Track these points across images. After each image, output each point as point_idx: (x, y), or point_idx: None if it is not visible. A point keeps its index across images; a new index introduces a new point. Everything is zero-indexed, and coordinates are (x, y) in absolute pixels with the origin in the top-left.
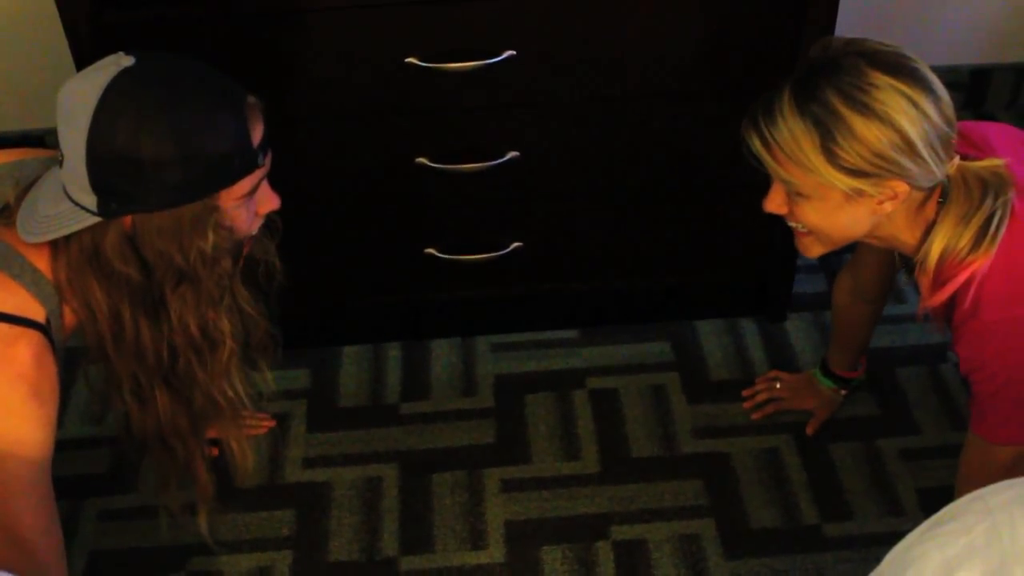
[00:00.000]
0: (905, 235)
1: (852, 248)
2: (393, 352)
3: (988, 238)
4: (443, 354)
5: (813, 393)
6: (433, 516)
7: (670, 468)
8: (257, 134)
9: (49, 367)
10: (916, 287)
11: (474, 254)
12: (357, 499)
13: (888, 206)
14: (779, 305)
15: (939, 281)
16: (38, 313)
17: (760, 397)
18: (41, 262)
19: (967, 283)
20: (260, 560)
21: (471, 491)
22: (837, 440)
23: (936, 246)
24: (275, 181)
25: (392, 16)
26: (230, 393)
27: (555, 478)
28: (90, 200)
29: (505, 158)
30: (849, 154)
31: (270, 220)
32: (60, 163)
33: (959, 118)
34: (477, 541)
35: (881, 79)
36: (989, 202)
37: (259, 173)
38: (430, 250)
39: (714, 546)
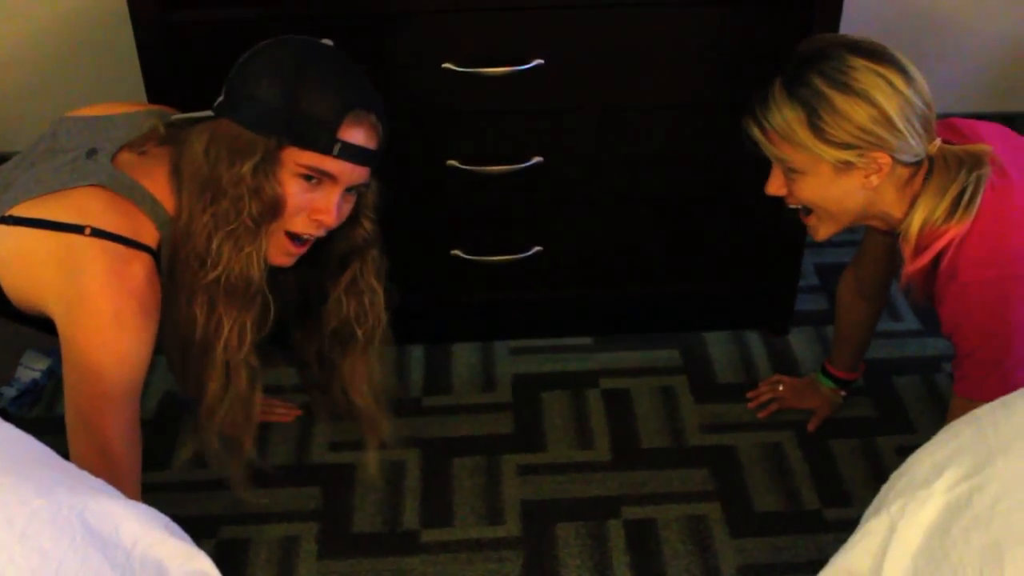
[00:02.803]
0: (894, 210)
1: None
2: (416, 353)
3: (962, 208)
4: (464, 355)
5: (814, 393)
6: (453, 495)
7: (679, 458)
8: (351, 134)
9: (156, 289)
10: (901, 256)
11: (497, 256)
12: (380, 479)
13: (875, 179)
14: (782, 318)
15: (920, 248)
16: (152, 239)
17: (763, 397)
18: (158, 191)
19: (945, 249)
20: (288, 530)
21: (489, 474)
22: (837, 437)
23: (917, 216)
24: None
25: (430, 24)
26: (195, 325)
27: (569, 464)
28: (217, 100)
29: (530, 162)
30: (834, 129)
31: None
32: None
33: None
34: (495, 517)
35: (859, 62)
36: (963, 176)
37: (327, 161)
38: (456, 251)
39: (720, 526)
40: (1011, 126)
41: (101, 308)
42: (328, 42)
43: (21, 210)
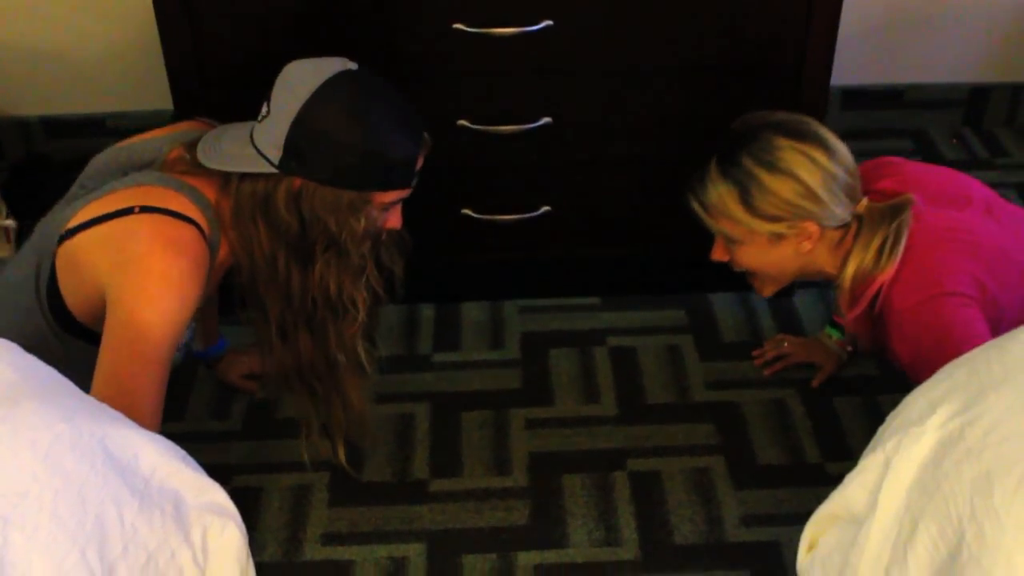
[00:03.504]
0: (829, 267)
1: None
2: (427, 312)
3: (885, 256)
4: (473, 313)
5: (820, 348)
6: (461, 447)
7: (683, 413)
8: (419, 162)
9: (204, 256)
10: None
11: (506, 215)
12: (391, 431)
13: (807, 245)
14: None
15: (854, 297)
16: (199, 219)
17: (769, 355)
18: (199, 185)
19: (877, 294)
20: (300, 479)
21: (497, 427)
22: (840, 394)
23: (848, 269)
24: None
25: None
26: (359, 358)
27: (576, 418)
28: (275, 154)
29: (539, 123)
30: (764, 204)
31: (403, 238)
32: (262, 118)
33: (959, 135)
34: (502, 468)
35: (783, 142)
36: (885, 226)
37: (406, 192)
38: (466, 210)
39: (723, 479)
40: (1018, 96)
41: (149, 267)
42: (353, 64)
43: (75, 221)
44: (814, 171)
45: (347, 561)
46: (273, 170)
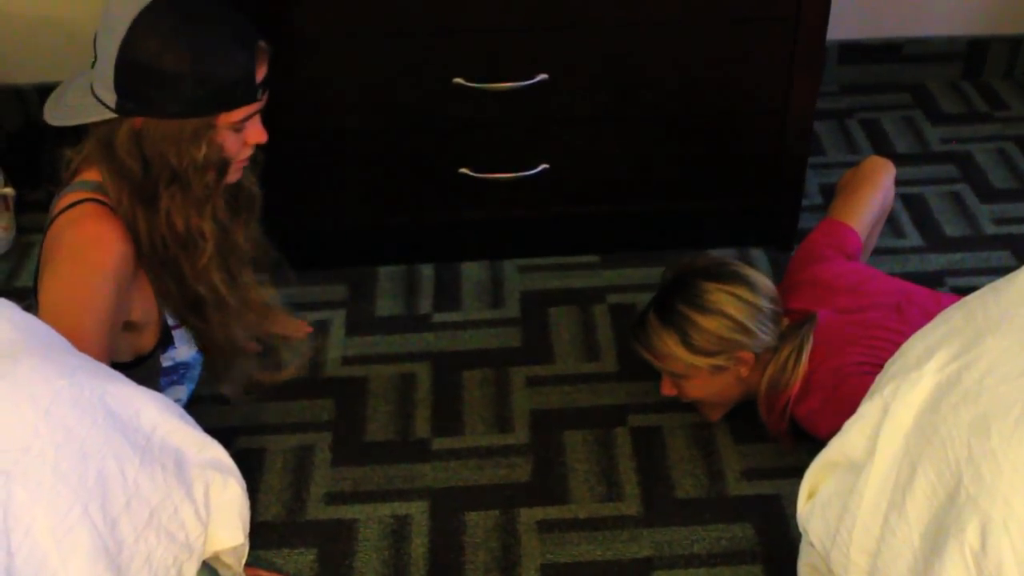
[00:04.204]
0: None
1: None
2: (426, 271)
3: (791, 365)
4: (473, 273)
5: None
6: (463, 405)
7: None
8: (261, 73)
9: (107, 219)
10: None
11: (504, 173)
12: (393, 391)
13: (744, 371)
14: (786, 236)
15: (769, 404)
16: (98, 199)
17: None
18: (97, 178)
19: (786, 404)
20: (302, 440)
21: (498, 385)
22: None
23: (766, 375)
24: (318, 100)
25: None
26: (219, 290)
27: (576, 375)
28: (111, 98)
29: (535, 79)
30: (701, 342)
31: (254, 159)
32: (92, 64)
33: (958, 87)
34: (504, 426)
35: (710, 285)
36: (792, 340)
37: (255, 106)
38: (464, 169)
39: (724, 433)
40: (1016, 49)
41: (54, 256)
42: None
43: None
44: (741, 307)
45: (351, 520)
46: (112, 115)
